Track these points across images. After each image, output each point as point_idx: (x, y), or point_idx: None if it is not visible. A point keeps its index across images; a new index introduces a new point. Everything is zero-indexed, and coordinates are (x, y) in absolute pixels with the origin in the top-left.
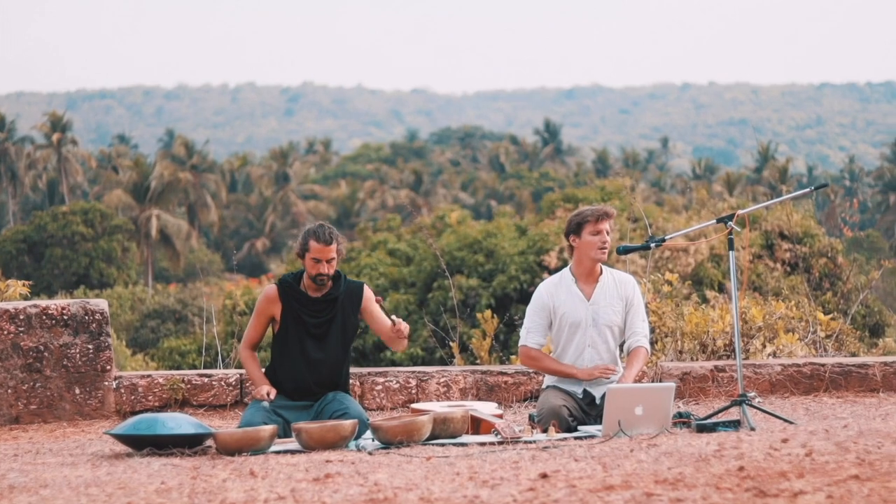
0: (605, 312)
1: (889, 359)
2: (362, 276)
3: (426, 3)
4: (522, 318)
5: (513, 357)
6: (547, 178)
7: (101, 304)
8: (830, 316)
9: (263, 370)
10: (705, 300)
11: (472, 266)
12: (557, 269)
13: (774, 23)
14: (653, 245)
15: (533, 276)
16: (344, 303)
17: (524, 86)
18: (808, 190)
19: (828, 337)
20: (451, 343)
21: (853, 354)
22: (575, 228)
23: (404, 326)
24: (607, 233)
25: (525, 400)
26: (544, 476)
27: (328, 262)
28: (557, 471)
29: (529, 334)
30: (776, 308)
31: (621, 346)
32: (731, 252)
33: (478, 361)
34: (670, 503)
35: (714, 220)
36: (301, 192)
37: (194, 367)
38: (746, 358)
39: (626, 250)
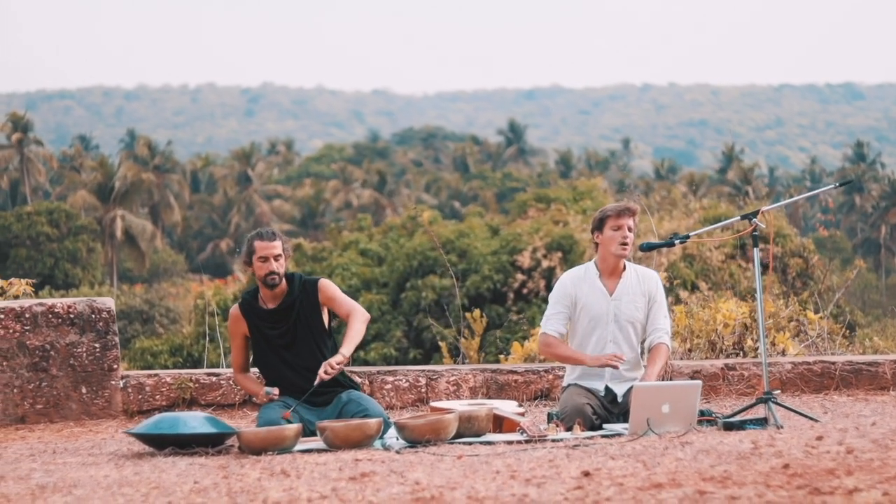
0: (628, 308)
1: None
2: (334, 277)
3: (386, 4)
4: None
5: (501, 357)
6: (510, 178)
7: (107, 302)
8: (819, 315)
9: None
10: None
11: (445, 266)
12: (531, 269)
13: (734, 23)
14: (676, 242)
15: (506, 276)
16: (302, 306)
17: (484, 86)
18: (832, 186)
19: (819, 336)
20: (440, 343)
21: (874, 351)
22: (598, 224)
23: (327, 374)
24: (629, 229)
25: (535, 398)
26: (587, 474)
27: (275, 258)
28: (599, 469)
29: (549, 321)
30: (769, 307)
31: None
32: (755, 249)
33: (466, 361)
34: (725, 501)
35: (738, 217)
36: (264, 193)
37: (166, 368)
38: (756, 356)
39: (650, 247)
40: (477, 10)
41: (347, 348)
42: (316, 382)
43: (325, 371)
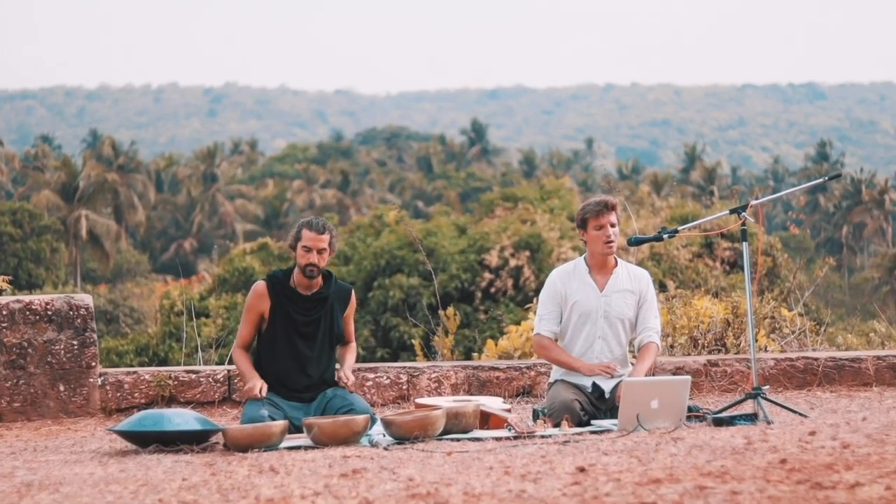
0: (618, 305)
1: (882, 353)
2: None
3: (349, 4)
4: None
5: (475, 355)
6: (474, 178)
7: (85, 298)
8: (794, 312)
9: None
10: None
11: (412, 265)
12: (499, 268)
13: (697, 24)
14: (665, 236)
15: (474, 276)
16: (333, 303)
17: (447, 86)
18: (821, 179)
19: (800, 332)
20: (413, 341)
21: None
22: (581, 224)
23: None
24: (612, 225)
25: (517, 395)
26: (582, 470)
27: (319, 252)
28: (593, 464)
29: (542, 322)
30: (745, 304)
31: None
32: (744, 243)
33: (441, 359)
34: (727, 496)
35: (727, 212)
36: (228, 193)
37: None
38: (738, 353)
39: (638, 241)
40: (440, 11)
41: (350, 368)
42: (349, 384)
43: (349, 380)
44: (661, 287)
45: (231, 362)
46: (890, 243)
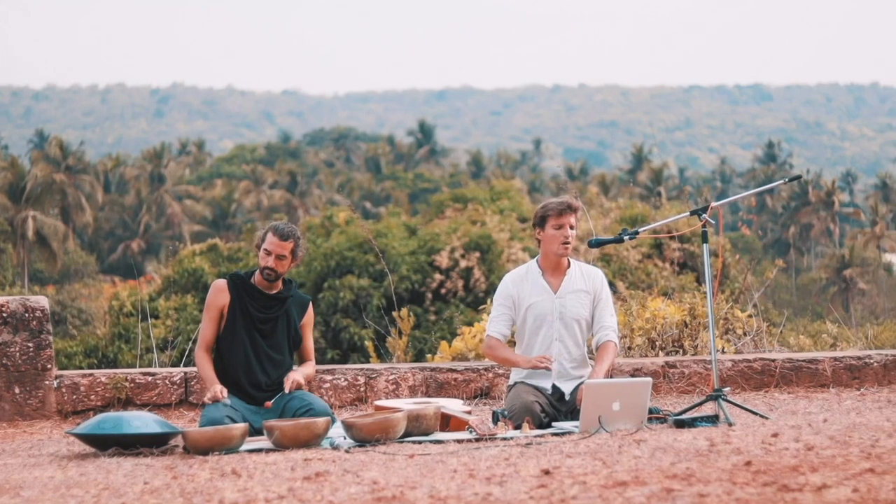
0: (573, 306)
1: (838, 354)
2: None
3: (295, 4)
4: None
5: (429, 356)
6: (422, 179)
7: (41, 300)
8: (747, 313)
9: None
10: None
11: (362, 266)
12: (449, 269)
13: (643, 25)
14: (626, 238)
15: (424, 277)
16: (291, 306)
17: (395, 87)
18: (781, 181)
19: (757, 334)
20: (367, 343)
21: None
22: (539, 221)
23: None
24: (570, 227)
25: (475, 397)
26: (547, 472)
27: (278, 257)
28: (558, 467)
29: (492, 323)
30: (699, 306)
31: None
32: (705, 245)
33: (394, 360)
34: (695, 498)
35: (688, 213)
36: (176, 193)
37: (80, 369)
38: (696, 354)
39: (598, 243)
40: (387, 11)
41: (302, 375)
42: (289, 382)
43: (297, 382)
44: (611, 288)
45: (188, 364)
46: (837, 244)
